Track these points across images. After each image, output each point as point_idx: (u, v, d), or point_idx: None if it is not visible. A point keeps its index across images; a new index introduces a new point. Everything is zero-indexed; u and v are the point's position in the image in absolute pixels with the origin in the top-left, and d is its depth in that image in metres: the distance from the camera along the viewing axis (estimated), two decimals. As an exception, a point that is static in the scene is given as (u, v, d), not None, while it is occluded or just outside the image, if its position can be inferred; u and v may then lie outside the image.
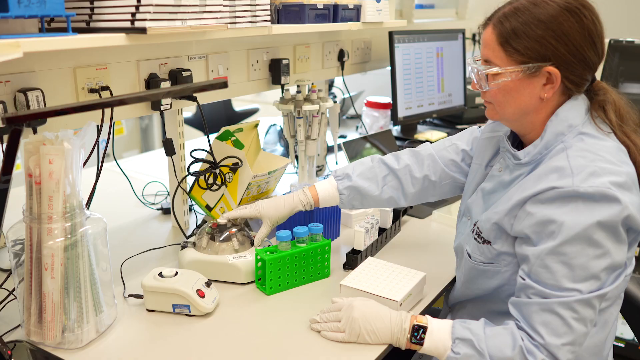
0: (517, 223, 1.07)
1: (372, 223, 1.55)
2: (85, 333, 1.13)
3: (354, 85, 3.43)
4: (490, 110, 1.17)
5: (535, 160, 1.11)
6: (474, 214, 1.25)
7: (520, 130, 1.17)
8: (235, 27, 1.31)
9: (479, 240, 1.17)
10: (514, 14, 1.07)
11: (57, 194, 1.05)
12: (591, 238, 0.99)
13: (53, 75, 1.23)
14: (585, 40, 1.05)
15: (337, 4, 1.69)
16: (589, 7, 1.07)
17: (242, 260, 1.37)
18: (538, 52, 1.05)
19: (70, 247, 1.08)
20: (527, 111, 1.11)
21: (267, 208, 1.38)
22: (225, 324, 1.21)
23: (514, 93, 1.09)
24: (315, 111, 1.76)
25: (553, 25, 1.04)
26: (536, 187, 1.04)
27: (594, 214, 0.98)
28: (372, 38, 2.41)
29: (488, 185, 1.23)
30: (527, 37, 1.05)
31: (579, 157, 1.03)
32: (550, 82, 1.07)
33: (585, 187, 0.98)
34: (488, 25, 1.11)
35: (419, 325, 1.10)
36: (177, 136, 1.61)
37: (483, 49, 1.13)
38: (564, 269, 1.00)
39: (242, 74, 1.73)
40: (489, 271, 1.17)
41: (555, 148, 1.09)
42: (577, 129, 1.09)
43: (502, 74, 1.08)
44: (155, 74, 1.42)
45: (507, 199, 1.11)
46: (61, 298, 1.09)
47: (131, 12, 1.06)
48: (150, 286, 1.24)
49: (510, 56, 1.07)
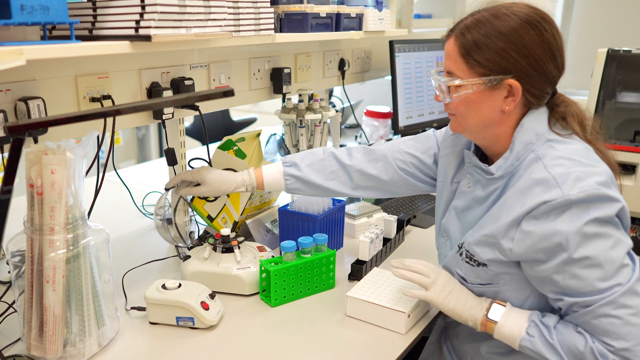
0: (516, 245, 1.04)
1: (377, 233, 1.53)
2: (88, 347, 1.11)
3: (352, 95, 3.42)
4: (453, 122, 1.17)
5: (508, 172, 1.10)
6: (452, 234, 1.23)
7: (483, 142, 1.16)
8: (239, 35, 1.29)
9: (473, 264, 1.14)
10: (476, 26, 1.06)
11: (59, 204, 1.03)
12: (597, 232, 0.98)
13: (54, 83, 1.21)
14: (545, 53, 1.05)
15: (340, 13, 1.68)
16: (549, 20, 1.06)
17: (246, 271, 1.35)
18: (499, 65, 1.04)
19: (73, 259, 1.06)
20: (489, 123, 1.10)
21: (212, 178, 1.38)
22: (230, 337, 1.19)
23: (475, 105, 1.09)
24: (318, 120, 1.75)
25: (514, 37, 1.03)
26: (526, 204, 1.02)
27: (590, 213, 0.98)
28: (372, 47, 2.40)
29: (460, 202, 1.21)
30: (489, 49, 1.04)
31: (556, 166, 1.02)
32: (512, 94, 1.06)
33: (576, 193, 0.98)
34: (450, 37, 1.11)
35: (499, 303, 1.11)
36: (179, 146, 1.59)
37: (445, 60, 1.12)
38: (592, 271, 0.99)
39: (244, 83, 1.71)
40: (488, 292, 1.14)
41: (527, 158, 1.08)
42: (544, 136, 1.09)
43: (464, 86, 1.08)
44: (157, 83, 1.40)
45: (493, 219, 1.09)
46: (63, 311, 1.07)
47: (135, 20, 1.04)
48: (154, 298, 1.21)
49: (471, 68, 1.06)
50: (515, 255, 1.05)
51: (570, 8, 3.67)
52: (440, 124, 2.48)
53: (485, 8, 1.09)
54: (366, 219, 1.73)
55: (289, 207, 1.56)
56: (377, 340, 1.18)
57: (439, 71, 1.14)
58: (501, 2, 1.09)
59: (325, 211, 1.54)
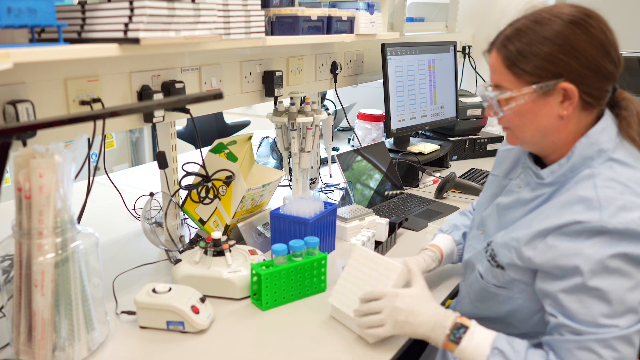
0: (537, 255, 1.01)
1: (369, 236, 1.53)
2: (77, 352, 1.10)
3: (345, 98, 3.43)
4: (509, 135, 1.13)
5: (559, 181, 1.06)
6: (487, 229, 1.21)
7: (542, 152, 1.12)
8: (229, 38, 1.29)
9: (493, 264, 1.11)
10: (517, 35, 1.03)
11: (47, 208, 1.02)
12: (620, 269, 0.94)
13: (43, 87, 1.21)
14: (597, 50, 1.00)
15: (331, 16, 1.69)
16: (594, 16, 1.02)
17: (237, 275, 1.34)
18: (548, 70, 1.01)
19: (61, 263, 1.05)
20: (547, 132, 1.06)
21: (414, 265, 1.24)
22: (221, 341, 1.18)
23: (530, 115, 1.05)
24: (309, 123, 1.75)
25: (559, 40, 0.99)
26: (560, 219, 0.99)
27: (621, 246, 0.93)
28: (364, 50, 2.40)
29: (505, 200, 1.18)
30: (534, 56, 1.01)
31: (606, 188, 0.98)
32: (568, 98, 1.02)
33: (615, 222, 0.93)
34: (492, 50, 1.08)
35: (462, 324, 1.06)
36: (170, 149, 1.58)
37: (491, 74, 1.09)
38: (599, 304, 0.95)
39: (235, 86, 1.71)
40: (500, 295, 1.12)
41: (581, 172, 1.03)
42: (607, 154, 1.03)
43: (515, 98, 1.04)
44: (147, 86, 1.40)
45: (526, 225, 1.06)
46: (51, 316, 1.06)
47: (124, 23, 1.04)
48: (144, 302, 1.21)
49: (519, 78, 1.03)
50: (534, 264, 1.02)
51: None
52: (432, 127, 2.49)
53: (525, 16, 1.05)
54: (358, 222, 1.73)
55: (281, 211, 1.56)
56: (370, 344, 1.18)
57: (487, 86, 1.11)
58: (540, 7, 1.06)
59: (317, 214, 1.54)
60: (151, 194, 1.42)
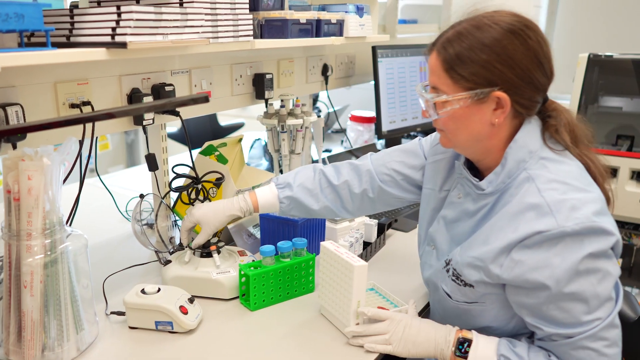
0: (504, 272, 1.03)
1: (357, 237, 1.55)
2: (66, 352, 1.11)
3: (339, 100, 3.44)
4: (443, 137, 1.15)
5: (499, 189, 1.09)
6: (439, 245, 1.22)
7: (474, 156, 1.14)
8: (217, 41, 1.31)
9: (459, 283, 1.12)
10: (458, 39, 1.03)
11: (36, 210, 1.04)
12: (588, 268, 0.98)
13: (33, 90, 1.22)
14: (531, 62, 1.02)
15: (320, 19, 1.70)
16: (533, 27, 1.04)
17: (225, 275, 1.36)
18: (484, 78, 1.02)
19: (50, 264, 1.07)
20: (480, 138, 1.08)
21: (205, 214, 1.36)
22: (209, 341, 1.20)
23: (464, 120, 1.06)
24: (299, 125, 1.77)
25: (497, 49, 1.00)
26: (518, 231, 1.01)
27: (584, 247, 0.97)
28: (356, 53, 2.42)
29: (449, 213, 1.20)
30: (472, 62, 1.01)
31: (550, 190, 1.01)
32: (500, 107, 1.04)
33: (571, 225, 0.96)
34: (433, 51, 1.08)
35: (464, 338, 1.09)
36: (161, 151, 1.60)
37: (430, 75, 1.09)
38: (577, 305, 0.99)
39: (226, 88, 1.73)
40: (473, 310, 1.14)
41: (519, 176, 1.06)
42: (537, 154, 1.07)
43: (450, 102, 1.05)
44: (137, 89, 1.41)
45: (483, 240, 1.07)
46: (41, 316, 1.07)
47: (112, 27, 1.05)
48: (133, 303, 1.22)
49: (456, 83, 1.04)
50: (503, 280, 1.05)
51: (554, 13, 3.71)
52: (424, 129, 2.51)
53: (467, 19, 1.06)
54: (348, 223, 1.74)
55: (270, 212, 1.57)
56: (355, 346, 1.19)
57: (425, 85, 1.12)
58: (483, 11, 1.06)
59: (306, 216, 1.55)
60: (141, 196, 1.44)
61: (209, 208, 1.36)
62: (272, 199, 1.37)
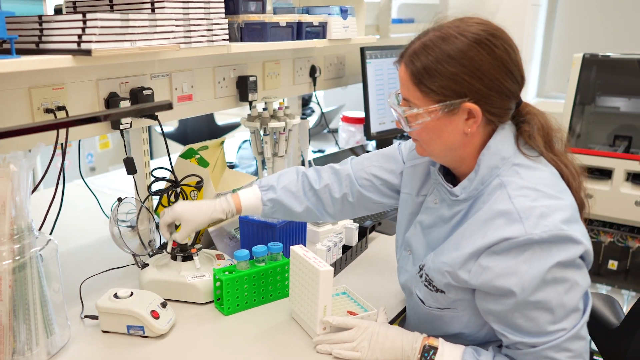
0: (472, 278, 1.03)
1: (335, 241, 1.55)
2: (36, 356, 1.12)
3: (335, 100, 3.44)
4: (418, 147, 1.15)
5: (472, 196, 1.09)
6: (415, 250, 1.22)
7: (450, 164, 1.15)
8: (190, 46, 1.31)
9: (431, 289, 1.12)
10: (424, 51, 1.03)
11: (2, 216, 1.05)
12: (556, 278, 0.97)
13: (7, 96, 1.22)
14: (499, 71, 1.02)
15: (301, 22, 1.70)
16: (500, 35, 1.03)
17: (200, 280, 1.36)
18: (453, 90, 1.01)
19: (18, 269, 1.08)
20: (454, 147, 1.08)
21: (187, 211, 1.33)
22: (179, 345, 1.20)
23: (436, 131, 1.06)
24: (282, 128, 1.77)
25: (464, 60, 1.00)
26: (486, 237, 1.01)
27: (552, 256, 0.96)
28: (346, 53, 2.42)
29: (426, 218, 1.19)
30: (440, 75, 1.01)
31: (521, 197, 1.00)
32: (472, 117, 1.04)
33: (539, 232, 0.96)
34: (401, 64, 1.08)
35: (430, 346, 1.10)
36: (142, 154, 1.60)
37: (401, 87, 1.09)
38: (543, 314, 0.99)
39: (208, 91, 1.73)
40: (445, 316, 1.14)
41: (491, 183, 1.06)
42: (510, 160, 1.06)
43: (421, 115, 1.05)
44: (115, 93, 1.42)
45: (453, 246, 1.08)
46: (10, 321, 1.08)
47: (77, 34, 1.06)
48: (105, 307, 1.23)
49: (426, 96, 1.04)
50: (471, 285, 1.05)
51: (553, 12, 3.68)
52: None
53: (434, 28, 1.06)
54: (330, 226, 1.74)
55: (249, 216, 1.58)
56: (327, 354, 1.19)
57: (397, 93, 1.12)
58: (450, 19, 1.06)
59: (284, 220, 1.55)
60: (119, 199, 1.45)
61: (191, 205, 1.34)
62: (255, 201, 1.36)
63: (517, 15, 3.45)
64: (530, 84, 3.87)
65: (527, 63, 3.68)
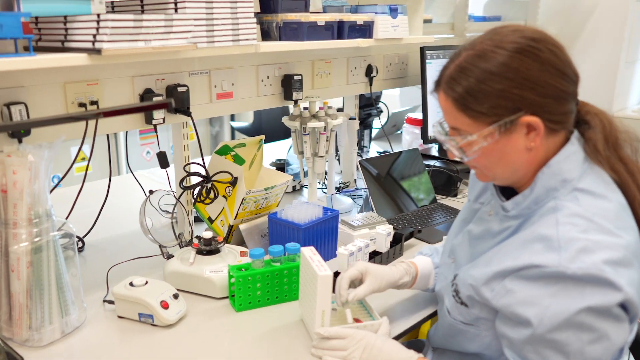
0: (494, 297, 0.97)
1: (361, 246, 1.51)
2: (49, 332, 1.20)
3: (410, 99, 3.35)
4: (478, 173, 1.06)
5: (523, 214, 1.00)
6: (458, 259, 1.15)
7: (515, 184, 1.05)
8: (213, 45, 1.33)
9: (457, 300, 1.07)
10: (462, 74, 0.95)
11: (20, 202, 1.13)
12: (583, 323, 0.88)
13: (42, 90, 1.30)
14: (551, 75, 0.93)
15: (343, 21, 1.67)
16: (540, 38, 0.94)
17: (218, 274, 1.39)
18: (505, 107, 0.93)
19: (35, 251, 1.16)
20: (517, 167, 0.99)
21: (376, 268, 1.23)
22: (186, 337, 1.23)
23: (497, 154, 0.97)
24: (322, 128, 1.75)
25: (509, 74, 0.92)
26: (518, 260, 0.93)
27: (584, 298, 0.87)
28: (409, 53, 2.34)
29: (475, 229, 1.12)
30: (486, 95, 0.93)
31: (569, 225, 0.91)
32: (532, 129, 0.94)
33: (574, 268, 0.87)
34: (439, 91, 1.00)
35: None
36: (182, 149, 1.66)
37: (445, 116, 1.01)
38: (556, 356, 0.90)
39: (251, 89, 1.75)
40: (468, 332, 1.08)
41: (546, 204, 0.97)
42: (571, 184, 0.96)
43: (476, 141, 0.96)
44: (150, 89, 1.47)
45: (486, 260, 1.01)
46: (27, 298, 1.17)
47: (93, 34, 1.12)
48: (120, 294, 1.29)
49: (476, 120, 0.95)
50: (492, 305, 0.98)
51: None
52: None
53: (465, 47, 0.98)
54: (367, 231, 1.70)
55: (279, 215, 1.58)
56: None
57: (441, 122, 1.04)
58: (480, 36, 0.98)
59: (311, 221, 1.54)
60: (150, 192, 1.51)
61: (378, 265, 1.25)
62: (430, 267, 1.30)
63: (617, 12, 3.17)
64: (634, 88, 3.55)
65: (631, 65, 3.37)
